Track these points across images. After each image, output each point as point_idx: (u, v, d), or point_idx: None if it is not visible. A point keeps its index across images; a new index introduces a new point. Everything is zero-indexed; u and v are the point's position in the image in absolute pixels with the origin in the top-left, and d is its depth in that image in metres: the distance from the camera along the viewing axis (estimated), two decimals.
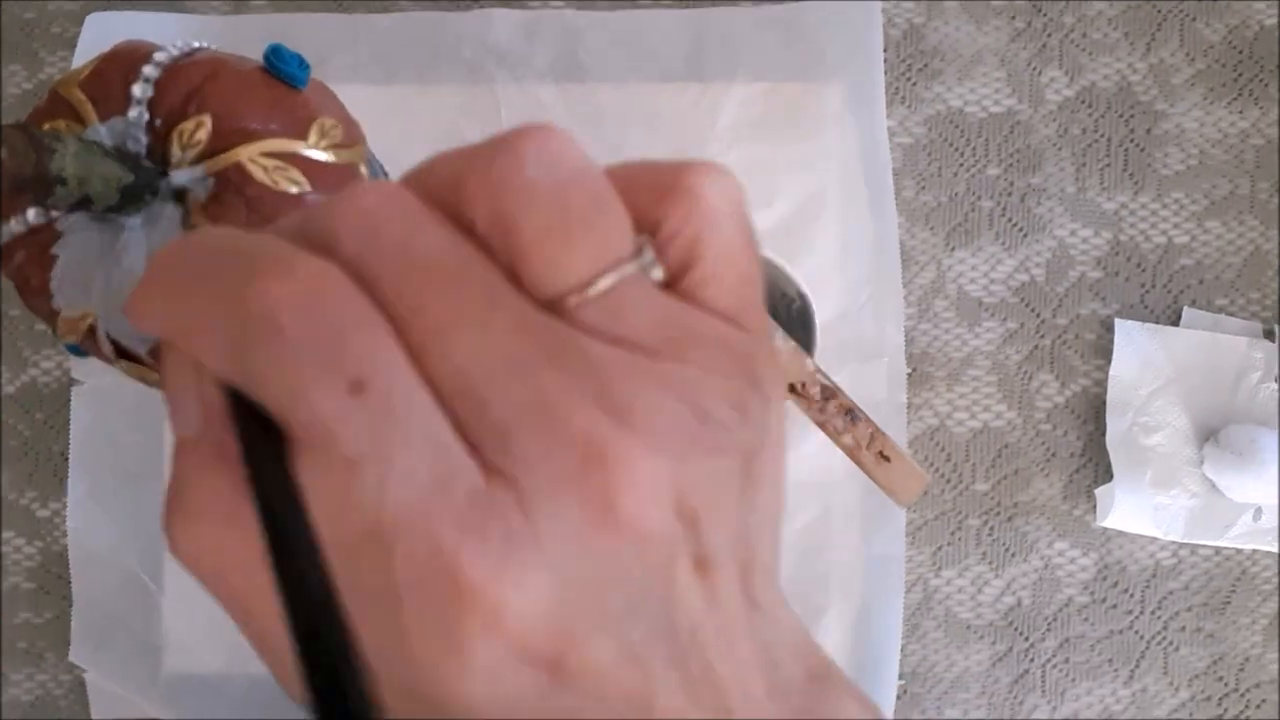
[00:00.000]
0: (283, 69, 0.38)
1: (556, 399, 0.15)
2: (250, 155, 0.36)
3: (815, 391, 0.45)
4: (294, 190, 0.36)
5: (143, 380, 0.40)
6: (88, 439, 0.57)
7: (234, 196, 0.36)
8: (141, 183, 0.35)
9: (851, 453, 0.45)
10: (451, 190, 0.17)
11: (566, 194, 0.16)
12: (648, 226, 0.18)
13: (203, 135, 0.36)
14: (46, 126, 0.37)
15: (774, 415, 0.18)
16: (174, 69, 0.37)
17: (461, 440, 0.15)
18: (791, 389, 0.45)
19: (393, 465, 0.15)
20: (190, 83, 0.37)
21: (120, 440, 0.57)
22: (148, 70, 0.37)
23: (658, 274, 0.17)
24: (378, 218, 0.16)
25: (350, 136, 0.40)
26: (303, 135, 0.38)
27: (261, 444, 0.15)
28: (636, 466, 0.15)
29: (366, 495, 0.15)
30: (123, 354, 0.38)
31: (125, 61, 0.38)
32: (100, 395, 0.57)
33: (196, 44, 0.40)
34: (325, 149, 0.38)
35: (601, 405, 0.15)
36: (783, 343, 0.46)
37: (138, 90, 0.36)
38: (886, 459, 0.45)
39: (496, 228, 0.16)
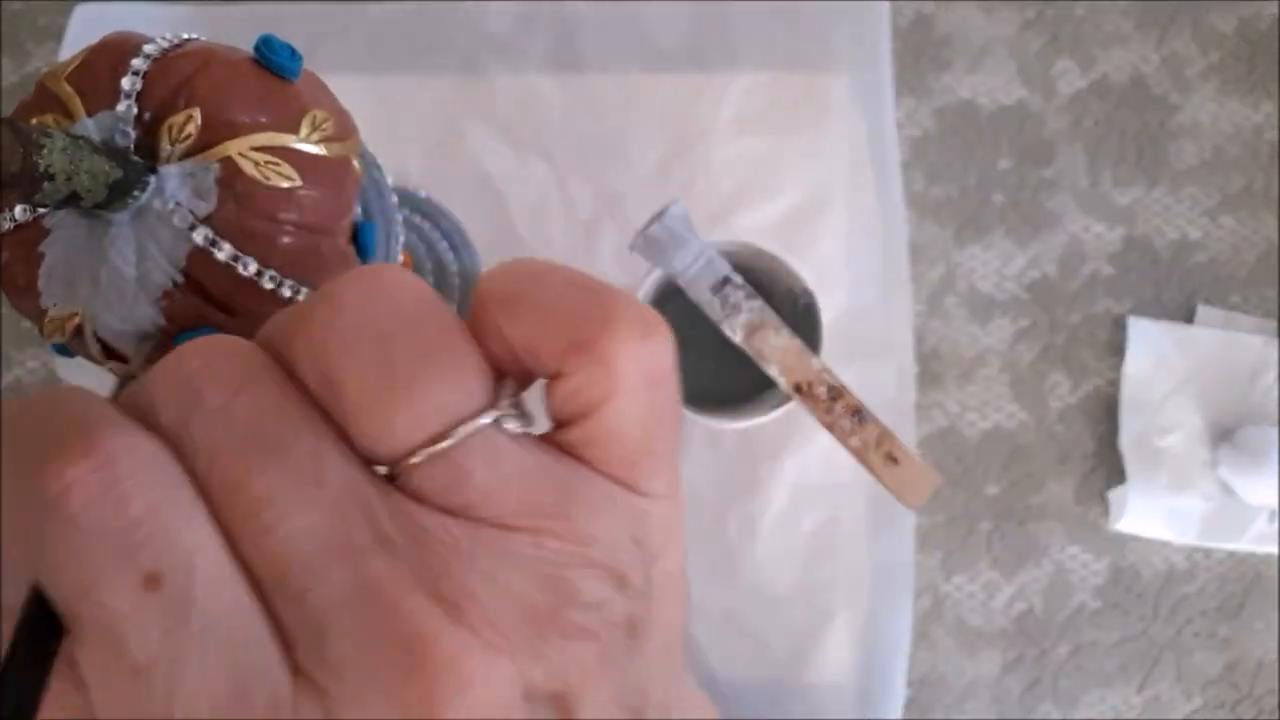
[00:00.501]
0: (273, 60, 0.37)
1: (381, 588, 0.13)
2: (240, 149, 0.35)
3: (822, 391, 0.44)
4: (285, 185, 0.35)
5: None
6: None
7: (224, 192, 0.35)
8: (130, 178, 0.34)
9: (859, 454, 0.44)
10: (286, 348, 0.15)
11: (391, 344, 0.15)
12: (547, 370, 0.15)
13: (192, 129, 0.35)
14: (34, 121, 0.36)
15: (664, 566, 0.16)
16: (163, 61, 0.36)
17: (277, 638, 0.14)
18: (797, 389, 0.44)
19: (185, 671, 0.13)
20: (180, 75, 0.36)
21: None
22: (136, 63, 0.36)
23: (513, 426, 0.15)
24: (199, 381, 0.15)
25: (343, 129, 0.39)
26: (294, 128, 0.36)
27: (36, 641, 0.14)
28: (468, 669, 0.13)
29: (154, 705, 0.13)
30: (111, 354, 0.37)
31: (113, 54, 0.37)
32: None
33: (186, 35, 0.39)
34: (317, 142, 0.37)
35: (432, 594, 0.14)
36: (788, 341, 0.44)
37: (126, 84, 0.35)
38: (895, 460, 0.44)
39: (323, 387, 0.15)
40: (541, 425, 0.16)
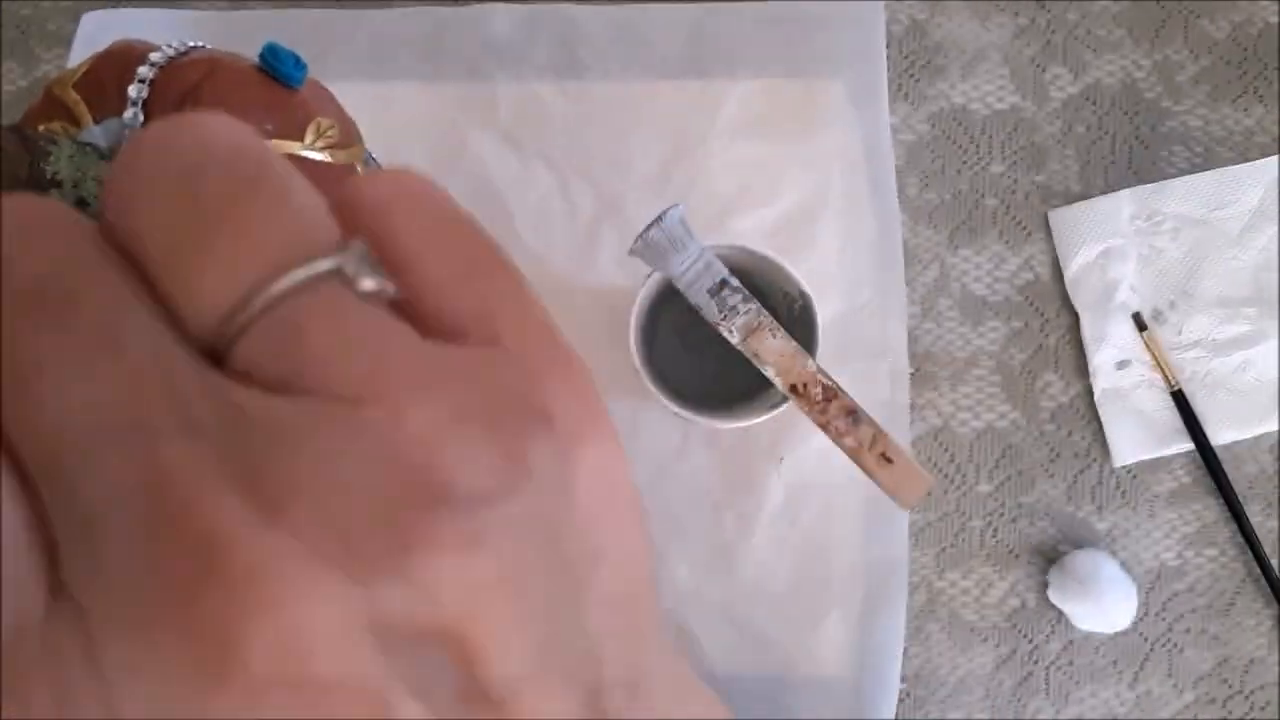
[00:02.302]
0: (278, 68, 0.38)
1: (172, 479, 0.10)
2: None
3: (817, 392, 0.45)
4: None
5: None
6: None
7: None
8: None
9: (854, 454, 0.45)
10: (101, 211, 0.13)
11: (198, 182, 0.12)
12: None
13: None
14: (41, 128, 0.37)
15: (594, 462, 0.13)
16: (169, 69, 0.37)
17: (40, 546, 0.11)
18: (793, 389, 0.45)
19: None
20: (185, 82, 0.37)
21: None
22: (143, 70, 0.36)
23: (370, 284, 0.12)
24: None
25: (347, 136, 0.40)
26: (298, 136, 0.37)
27: None
28: (279, 582, 0.10)
29: None
30: None
31: (120, 61, 0.37)
32: None
33: (192, 43, 0.39)
34: (321, 149, 0.38)
35: (243, 489, 0.11)
36: (784, 343, 0.45)
37: (133, 91, 0.36)
38: (889, 461, 0.45)
39: (130, 242, 0.12)
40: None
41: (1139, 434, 0.56)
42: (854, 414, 0.45)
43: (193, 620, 0.10)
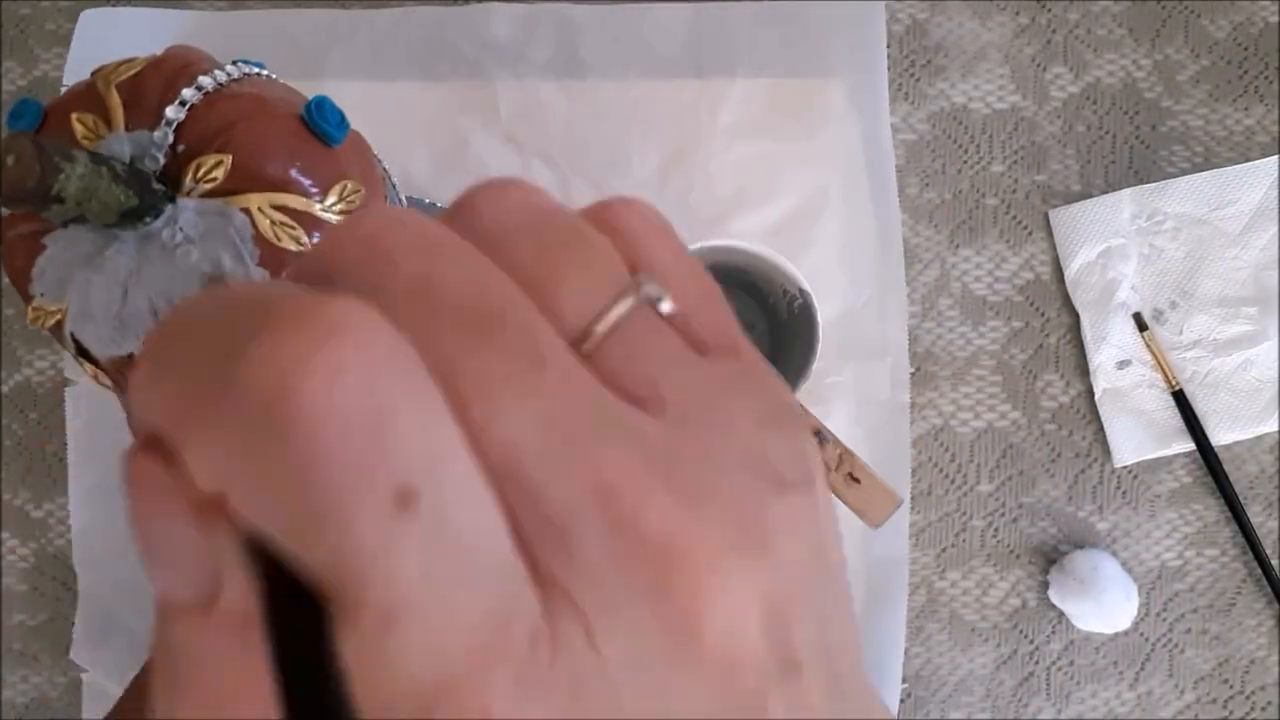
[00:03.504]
0: (320, 125, 0.37)
1: (620, 484, 0.12)
2: (260, 204, 0.35)
3: None
4: (294, 249, 0.36)
5: (96, 381, 0.39)
6: (87, 438, 0.56)
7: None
8: (145, 205, 0.34)
9: None
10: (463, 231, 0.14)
11: (542, 226, 0.14)
12: None
13: (219, 174, 0.35)
14: (75, 117, 0.36)
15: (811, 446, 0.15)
16: (213, 97, 0.37)
17: (520, 549, 0.12)
18: None
19: (445, 614, 0.11)
20: (223, 118, 0.36)
21: (121, 439, 0.56)
22: (187, 93, 0.36)
23: (667, 305, 0.14)
24: (389, 243, 0.13)
25: (372, 196, 0.39)
26: (322, 195, 0.37)
27: (292, 613, 0.11)
28: (724, 572, 0.12)
29: (409, 661, 0.11)
30: (82, 353, 0.38)
31: (170, 73, 0.37)
32: (97, 394, 0.56)
33: (249, 70, 0.39)
34: (340, 213, 0.37)
35: (672, 489, 0.12)
36: None
37: (170, 112, 0.36)
38: (856, 480, 0.45)
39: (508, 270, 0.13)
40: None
41: (1139, 434, 0.56)
42: (819, 434, 0.44)
43: (661, 605, 0.12)
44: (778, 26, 0.57)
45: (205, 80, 0.36)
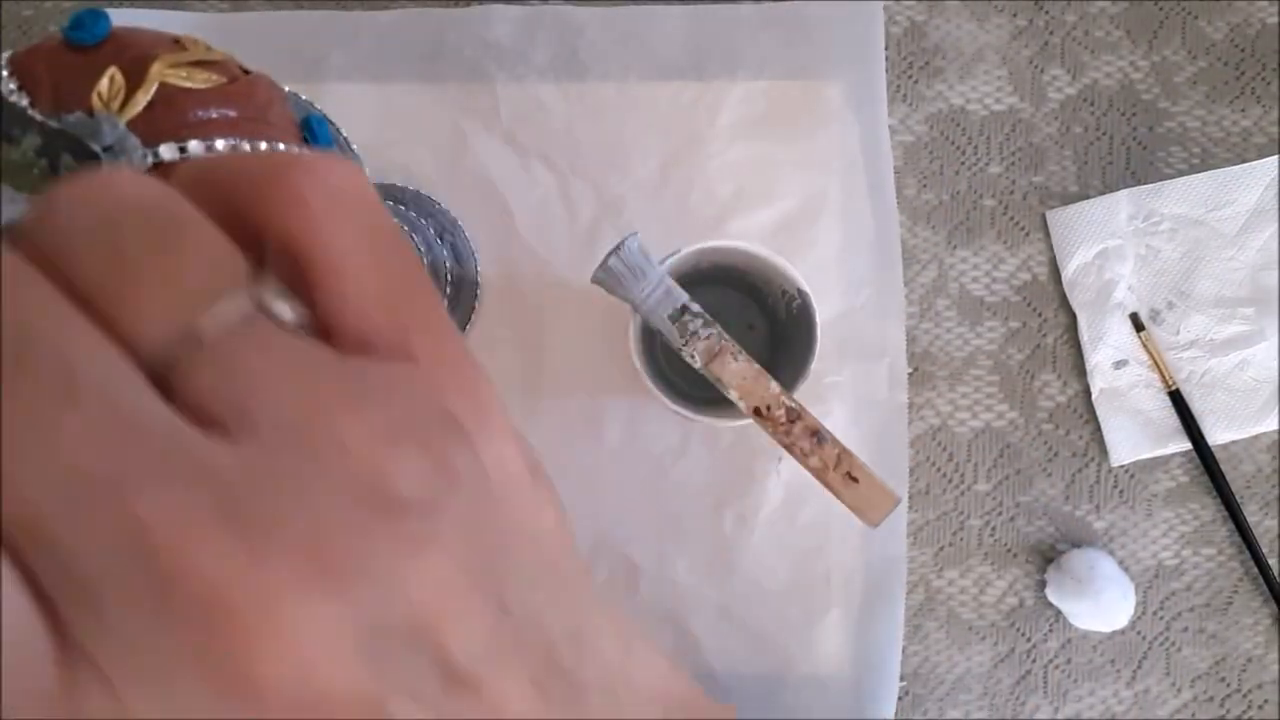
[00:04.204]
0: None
1: (156, 529, 0.11)
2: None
3: (780, 414, 0.45)
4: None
5: None
6: None
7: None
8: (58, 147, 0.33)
9: (819, 474, 0.45)
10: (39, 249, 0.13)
11: (118, 230, 0.12)
12: (251, 240, 0.14)
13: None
14: (98, 94, 0.35)
15: (493, 453, 0.14)
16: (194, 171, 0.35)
17: (44, 614, 0.11)
18: (756, 412, 0.45)
19: None
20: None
21: None
22: (194, 146, 0.35)
23: (282, 312, 0.13)
24: None
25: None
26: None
27: None
28: (277, 616, 0.11)
29: None
30: None
31: (179, 110, 0.36)
32: None
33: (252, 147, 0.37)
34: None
35: (226, 529, 0.11)
36: (746, 365, 0.45)
37: (165, 152, 0.35)
38: (854, 480, 0.45)
39: (71, 284, 0.12)
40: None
41: (1136, 433, 0.56)
42: (818, 434, 0.45)
43: (213, 665, 0.11)
44: (777, 28, 0.58)
45: (197, 148, 0.35)
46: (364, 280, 0.14)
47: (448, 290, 0.55)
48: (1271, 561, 0.56)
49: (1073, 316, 0.57)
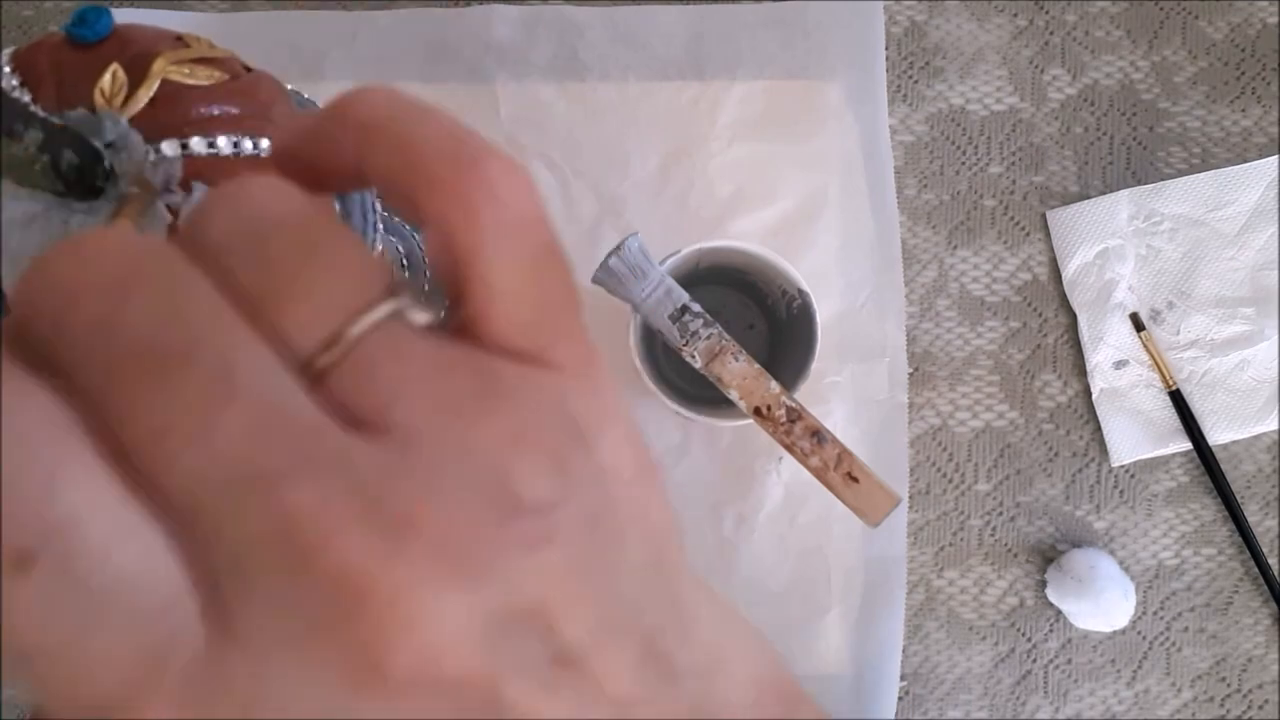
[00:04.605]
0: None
1: (304, 520, 0.12)
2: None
3: (781, 414, 0.45)
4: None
5: None
6: None
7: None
8: (86, 163, 0.33)
9: (819, 474, 0.45)
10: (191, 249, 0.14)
11: (268, 244, 0.13)
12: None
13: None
14: (98, 90, 0.35)
15: (611, 456, 0.15)
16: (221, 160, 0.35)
17: (199, 590, 0.12)
18: (756, 412, 0.45)
19: (83, 655, 0.12)
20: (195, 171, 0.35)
21: None
22: (195, 143, 0.35)
23: (417, 317, 0.14)
24: (74, 284, 0.13)
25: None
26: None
27: None
28: (411, 606, 0.12)
29: (56, 686, 0.12)
30: None
31: (182, 105, 0.36)
32: None
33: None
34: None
35: (367, 522, 0.12)
36: (746, 365, 0.45)
37: (167, 148, 0.34)
38: (855, 480, 0.45)
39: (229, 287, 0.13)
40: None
41: (1137, 433, 0.56)
42: (818, 434, 0.45)
43: (349, 650, 0.12)
44: (777, 28, 0.58)
45: (201, 144, 0.35)
46: (515, 306, 0.15)
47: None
48: (1272, 561, 0.56)
49: (1073, 316, 0.57)
